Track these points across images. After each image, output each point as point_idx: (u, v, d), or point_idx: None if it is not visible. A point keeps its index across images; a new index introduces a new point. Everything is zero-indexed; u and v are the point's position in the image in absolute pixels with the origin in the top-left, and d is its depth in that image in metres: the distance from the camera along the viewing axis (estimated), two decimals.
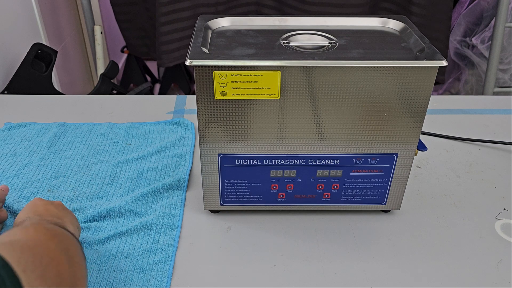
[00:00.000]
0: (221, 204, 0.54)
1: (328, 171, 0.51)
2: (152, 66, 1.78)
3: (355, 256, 0.50)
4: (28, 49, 0.98)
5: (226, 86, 0.45)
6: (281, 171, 0.51)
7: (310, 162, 0.50)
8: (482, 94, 1.25)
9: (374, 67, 0.44)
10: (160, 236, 0.51)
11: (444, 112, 0.79)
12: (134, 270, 0.47)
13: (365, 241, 0.52)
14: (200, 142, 0.49)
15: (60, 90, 1.19)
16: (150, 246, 0.50)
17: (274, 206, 0.54)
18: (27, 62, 0.96)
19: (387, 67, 0.44)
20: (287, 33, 0.51)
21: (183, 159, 0.65)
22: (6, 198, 0.55)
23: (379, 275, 0.48)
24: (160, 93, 1.69)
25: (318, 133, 0.48)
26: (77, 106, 0.80)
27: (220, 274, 0.47)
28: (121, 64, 1.65)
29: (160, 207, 0.56)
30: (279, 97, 0.46)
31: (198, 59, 0.44)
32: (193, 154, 0.67)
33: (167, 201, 0.57)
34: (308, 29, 0.52)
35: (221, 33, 0.51)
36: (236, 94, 0.45)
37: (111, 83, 1.19)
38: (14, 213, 0.54)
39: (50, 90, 1.01)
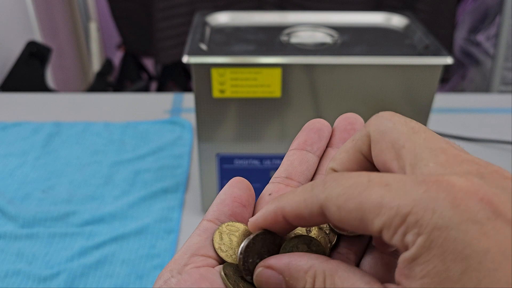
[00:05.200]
0: None
1: None
2: (149, 63, 1.77)
3: None
4: (22, 46, 0.96)
5: (225, 84, 0.43)
6: None
7: None
8: (487, 92, 1.24)
9: (378, 65, 0.43)
10: (157, 240, 0.50)
11: (449, 110, 0.78)
12: (130, 275, 0.46)
13: None
14: (198, 142, 0.47)
15: (55, 88, 1.17)
16: (147, 251, 0.49)
17: None
18: (22, 60, 0.94)
19: (391, 65, 0.43)
20: (288, 29, 0.50)
21: (180, 160, 0.63)
22: None
23: None
24: (157, 91, 1.68)
25: None
26: (72, 104, 0.78)
27: None
28: (117, 61, 1.63)
29: (157, 210, 0.54)
30: (279, 95, 0.44)
31: (195, 56, 0.42)
32: (190, 155, 0.65)
33: (164, 204, 0.55)
34: (309, 25, 0.51)
35: (219, 29, 0.50)
36: (235, 92, 0.44)
37: (106, 81, 1.17)
38: (7, 215, 0.53)
39: (45, 88, 1.00)
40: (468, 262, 0.14)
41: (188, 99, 0.80)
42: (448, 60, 0.43)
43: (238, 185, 0.22)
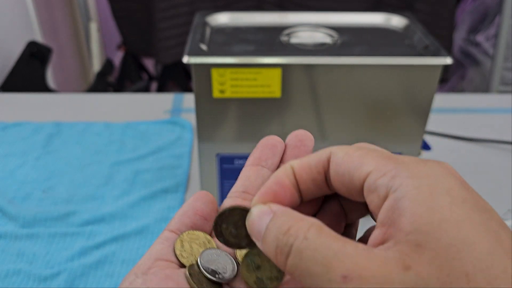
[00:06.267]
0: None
1: None
2: (149, 63, 1.77)
3: None
4: (22, 46, 0.97)
5: (225, 84, 0.44)
6: None
7: None
8: (487, 92, 1.24)
9: (377, 65, 0.43)
10: None
11: (449, 111, 0.78)
12: None
13: None
14: (198, 142, 0.47)
15: (55, 88, 1.17)
16: None
17: None
18: (22, 61, 0.94)
19: (390, 65, 0.43)
20: (288, 29, 0.50)
21: (180, 160, 0.64)
22: None
23: None
24: (157, 91, 1.68)
25: (320, 132, 0.47)
26: (73, 104, 0.78)
27: None
28: (117, 61, 1.64)
29: (157, 210, 0.54)
30: (279, 95, 0.44)
31: (195, 57, 0.42)
32: (190, 155, 0.65)
33: (165, 204, 0.55)
34: (309, 25, 0.51)
35: (219, 30, 0.50)
36: (236, 92, 0.44)
37: (106, 81, 1.17)
38: (8, 215, 0.53)
39: (45, 88, 1.00)
40: (452, 193, 0.16)
41: (188, 99, 0.80)
42: (448, 61, 0.43)
43: (201, 199, 0.23)
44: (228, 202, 0.24)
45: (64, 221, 0.52)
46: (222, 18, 0.52)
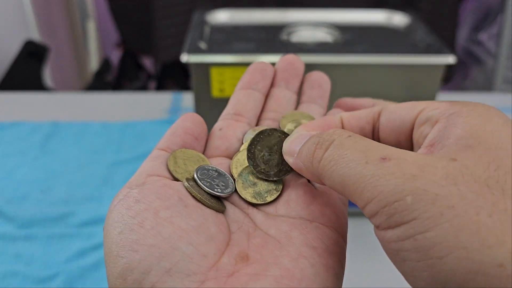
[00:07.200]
0: None
1: None
2: (148, 62, 1.76)
3: (358, 257, 0.49)
4: (19, 45, 0.96)
5: (224, 83, 0.43)
6: None
7: None
8: (490, 91, 1.24)
9: (379, 64, 0.42)
10: None
11: None
12: None
13: (370, 243, 0.50)
14: None
15: (53, 87, 1.17)
16: None
17: None
18: (19, 60, 0.94)
19: (392, 64, 0.43)
20: (288, 27, 0.49)
21: None
22: None
23: (383, 276, 0.46)
24: (156, 90, 1.67)
25: None
26: (70, 103, 0.78)
27: None
28: (115, 59, 1.63)
29: None
30: None
31: (194, 55, 0.42)
32: None
33: None
34: (310, 23, 0.50)
35: (219, 28, 0.49)
36: None
37: (104, 80, 1.17)
38: (5, 216, 0.52)
39: (42, 87, 1.00)
40: (505, 118, 0.17)
41: (187, 98, 0.79)
42: (450, 59, 0.43)
43: (190, 120, 0.22)
44: (220, 125, 0.23)
45: (62, 222, 0.52)
46: (222, 16, 0.51)
